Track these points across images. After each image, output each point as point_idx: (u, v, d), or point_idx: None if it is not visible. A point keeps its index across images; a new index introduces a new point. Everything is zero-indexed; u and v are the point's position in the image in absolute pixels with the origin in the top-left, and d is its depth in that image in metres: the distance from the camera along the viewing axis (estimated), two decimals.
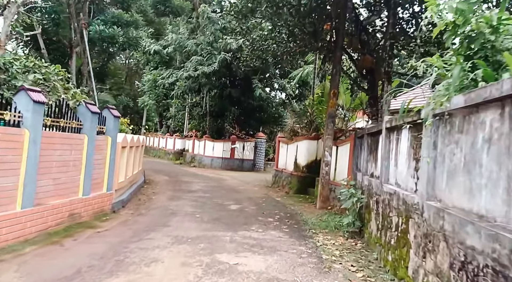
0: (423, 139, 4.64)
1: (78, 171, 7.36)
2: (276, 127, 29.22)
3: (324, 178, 11.80)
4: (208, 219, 8.94)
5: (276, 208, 11.29)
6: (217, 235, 7.32)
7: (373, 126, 8.35)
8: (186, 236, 7.11)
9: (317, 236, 7.96)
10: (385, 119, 6.69)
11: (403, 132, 5.84)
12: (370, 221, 7.60)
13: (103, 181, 8.45)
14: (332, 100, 11.75)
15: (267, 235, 7.71)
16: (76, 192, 7.34)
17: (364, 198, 8.07)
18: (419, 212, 4.60)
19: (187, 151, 30.71)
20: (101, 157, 8.26)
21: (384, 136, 6.71)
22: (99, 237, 6.65)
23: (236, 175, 21.91)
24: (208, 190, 14.42)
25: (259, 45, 15.24)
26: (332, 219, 9.58)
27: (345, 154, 11.58)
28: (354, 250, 7.06)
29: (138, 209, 9.70)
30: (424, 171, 4.54)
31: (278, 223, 9.05)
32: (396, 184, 6.07)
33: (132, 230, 7.33)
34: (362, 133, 9.71)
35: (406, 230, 5.13)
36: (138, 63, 40.39)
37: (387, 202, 6.24)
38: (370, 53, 12.90)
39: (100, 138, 8.22)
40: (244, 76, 24.80)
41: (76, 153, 7.23)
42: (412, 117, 5.08)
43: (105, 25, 17.09)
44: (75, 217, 7.28)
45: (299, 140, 15.84)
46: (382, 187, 6.58)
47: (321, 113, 16.25)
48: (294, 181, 15.43)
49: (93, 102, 7.72)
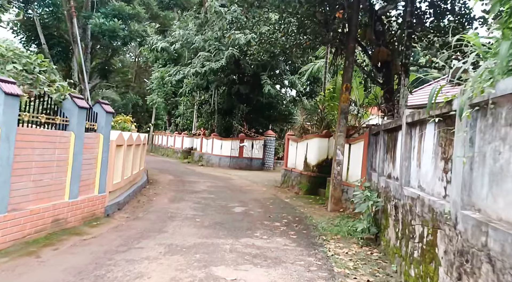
0: (456, 135, 3.84)
1: (63, 172, 6.67)
2: (286, 125, 28.41)
3: (336, 178, 11.00)
4: (209, 224, 8.21)
5: (284, 211, 10.52)
6: (216, 243, 6.58)
7: (391, 122, 7.52)
8: (181, 244, 6.38)
9: (328, 244, 7.18)
10: (406, 113, 5.87)
11: (428, 128, 5.04)
12: (387, 228, 6.79)
13: (94, 182, 7.76)
14: (345, 95, 10.94)
15: (272, 242, 6.95)
16: (61, 195, 6.66)
17: (380, 202, 7.27)
18: (451, 223, 3.80)
19: (195, 149, 30.10)
20: (91, 156, 7.57)
21: (404, 133, 5.90)
22: (84, 245, 5.96)
23: (244, 174, 21.18)
24: (213, 191, 13.71)
25: (267, 38, 14.50)
26: (344, 224, 8.80)
27: (358, 152, 10.78)
28: (369, 261, 6.26)
29: (134, 212, 9.01)
30: (458, 173, 3.73)
31: (285, 228, 8.28)
32: (419, 187, 5.26)
33: (123, 237, 6.63)
34: (377, 130, 8.89)
35: (433, 243, 4.33)
36: (147, 60, 39.84)
37: (408, 208, 5.44)
38: (385, 44, 12.05)
39: (90, 136, 7.53)
40: (253, 72, 24.07)
41: (61, 152, 6.54)
42: (441, 109, 4.27)
43: (106, 18, 16.45)
44: (60, 222, 6.61)
45: (309, 138, 15.04)
46: (402, 190, 5.78)
47: (333, 109, 15.44)
48: (304, 181, 14.65)
49: (81, 96, 7.03)
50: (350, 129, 12.32)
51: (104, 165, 8.04)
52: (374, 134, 9.47)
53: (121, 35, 16.84)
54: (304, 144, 15.44)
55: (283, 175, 17.41)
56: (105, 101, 8.06)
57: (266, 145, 25.18)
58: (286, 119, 28.19)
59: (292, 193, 14.76)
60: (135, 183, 11.95)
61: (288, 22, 13.28)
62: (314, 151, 14.50)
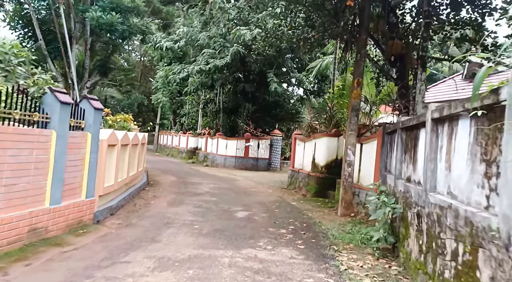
0: (506, 132, 3.05)
1: (43, 175, 5.96)
2: (293, 124, 27.59)
3: (347, 181, 10.21)
4: (208, 231, 7.47)
5: (291, 215, 9.75)
6: (214, 256, 5.83)
7: (410, 119, 6.72)
8: (174, 257, 5.64)
9: (340, 255, 6.39)
10: (431, 108, 5.08)
11: (462, 124, 4.25)
12: (407, 238, 6.00)
13: (81, 185, 7.04)
14: (356, 90, 10.15)
15: (277, 254, 6.19)
16: (40, 201, 5.94)
17: (398, 208, 6.47)
18: (500, 243, 3.02)
19: (200, 149, 29.44)
20: (77, 157, 6.85)
21: (429, 130, 5.11)
22: (62, 260, 5.23)
23: (250, 175, 20.43)
24: (216, 193, 12.97)
25: (273, 32, 13.75)
26: (357, 231, 8.01)
27: (371, 152, 9.99)
28: (388, 277, 5.47)
29: (128, 218, 8.29)
30: (510, 180, 2.96)
31: (292, 236, 7.50)
32: (449, 194, 4.47)
33: (109, 248, 5.89)
34: (393, 128, 8.09)
35: (473, 264, 3.55)
36: (152, 59, 39.23)
37: (436, 218, 4.65)
38: (399, 37, 11.23)
39: (76, 135, 6.81)
40: (259, 70, 23.32)
41: (40, 153, 5.83)
42: (481, 100, 3.48)
43: (103, 11, 15.76)
44: (40, 232, 5.90)
45: (318, 137, 14.25)
46: (427, 197, 4.99)
47: (342, 107, 14.65)
48: (312, 183, 13.87)
49: (63, 90, 6.31)
50: (361, 128, 11.54)
51: (93, 166, 7.32)
52: (389, 133, 8.68)
53: (119, 29, 16.12)
54: (312, 144, 14.65)
55: (290, 176, 16.64)
56: (93, 97, 7.33)
57: (273, 145, 24.41)
58: (293, 118, 27.39)
59: (299, 195, 13.98)
60: (132, 185, 11.24)
61: (295, 15, 12.50)
62: (322, 151, 13.72)
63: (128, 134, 10.06)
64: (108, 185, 8.29)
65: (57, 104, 6.09)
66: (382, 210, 6.59)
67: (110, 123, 11.86)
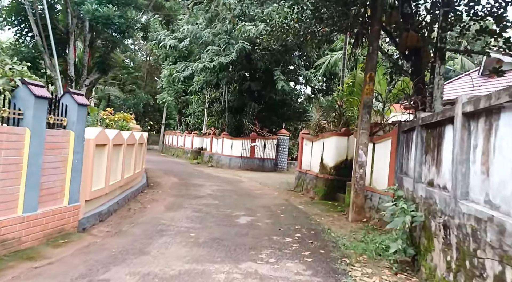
0: None
1: (15, 179, 5.25)
2: (301, 124, 26.80)
3: (358, 183, 9.41)
4: (205, 240, 6.72)
5: (298, 221, 8.98)
6: (208, 271, 5.08)
7: (432, 115, 5.91)
8: (162, 273, 4.89)
9: (353, 270, 5.61)
10: (462, 101, 4.29)
11: (504, 118, 3.47)
12: (430, 251, 5.20)
13: (63, 190, 6.32)
14: (369, 86, 9.36)
15: (281, 269, 5.41)
16: (11, 208, 5.23)
17: (419, 216, 5.67)
18: None
19: (205, 149, 28.79)
20: (58, 158, 6.14)
21: (459, 127, 4.32)
22: (29, 277, 4.51)
23: (256, 176, 19.68)
24: (219, 196, 12.23)
25: (279, 26, 13.01)
26: (371, 239, 7.22)
27: (384, 153, 9.18)
28: None
29: (119, 224, 7.57)
30: None
31: (298, 246, 6.73)
32: (487, 203, 3.68)
33: (89, 262, 5.16)
34: (410, 125, 7.30)
35: None
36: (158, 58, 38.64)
37: (470, 231, 3.86)
38: (414, 29, 10.41)
39: (56, 133, 6.10)
40: (265, 68, 22.58)
41: (9, 154, 5.12)
42: None
43: (100, 4, 15.11)
44: (10, 243, 5.19)
45: (326, 137, 13.45)
46: (457, 205, 4.20)
47: (352, 105, 13.85)
48: (320, 185, 13.08)
49: (40, 83, 5.60)
50: (373, 127, 10.71)
51: (77, 168, 6.60)
52: (405, 131, 7.87)
53: (116, 22, 15.46)
54: (320, 143, 13.86)
55: (296, 177, 15.86)
56: (77, 91, 6.61)
57: (279, 145, 23.63)
58: (300, 117, 26.61)
59: (306, 197, 13.21)
60: (128, 188, 10.54)
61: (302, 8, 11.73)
62: (331, 151, 12.93)
63: (122, 133, 9.36)
64: (97, 189, 7.58)
65: (31, 99, 5.37)
66: (401, 218, 5.79)
67: (107, 122, 11.18)
